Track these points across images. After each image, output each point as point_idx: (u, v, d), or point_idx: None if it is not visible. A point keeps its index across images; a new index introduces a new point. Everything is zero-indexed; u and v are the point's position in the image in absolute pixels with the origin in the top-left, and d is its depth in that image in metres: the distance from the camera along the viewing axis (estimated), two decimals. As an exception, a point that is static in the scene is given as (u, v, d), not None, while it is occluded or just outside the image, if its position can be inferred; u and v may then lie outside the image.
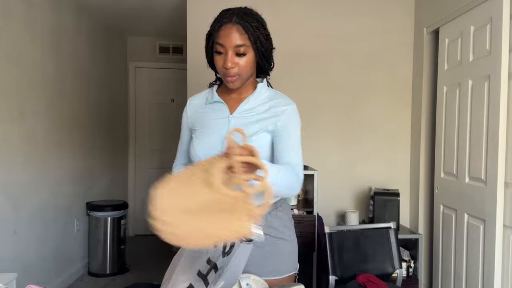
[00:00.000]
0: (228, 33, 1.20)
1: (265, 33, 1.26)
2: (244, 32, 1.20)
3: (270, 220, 1.33)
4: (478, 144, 2.38)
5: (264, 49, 1.26)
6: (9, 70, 2.65)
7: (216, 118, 1.35)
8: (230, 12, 1.24)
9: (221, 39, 1.22)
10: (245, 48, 1.22)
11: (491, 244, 2.23)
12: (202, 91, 1.46)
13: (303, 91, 3.19)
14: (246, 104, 1.33)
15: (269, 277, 1.30)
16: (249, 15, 1.23)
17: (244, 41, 1.21)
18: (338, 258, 2.26)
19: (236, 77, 1.25)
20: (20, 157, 2.78)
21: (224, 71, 1.24)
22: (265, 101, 1.34)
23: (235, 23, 1.21)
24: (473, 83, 2.45)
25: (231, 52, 1.21)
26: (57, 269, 3.26)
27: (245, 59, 1.23)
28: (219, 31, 1.22)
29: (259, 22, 1.25)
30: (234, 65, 1.22)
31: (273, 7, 3.15)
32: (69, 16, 3.48)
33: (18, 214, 2.75)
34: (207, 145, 1.31)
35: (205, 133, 1.34)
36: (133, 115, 5.06)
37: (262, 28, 1.25)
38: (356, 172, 3.26)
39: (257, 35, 1.23)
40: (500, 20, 2.18)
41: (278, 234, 1.34)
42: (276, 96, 1.36)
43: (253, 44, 1.22)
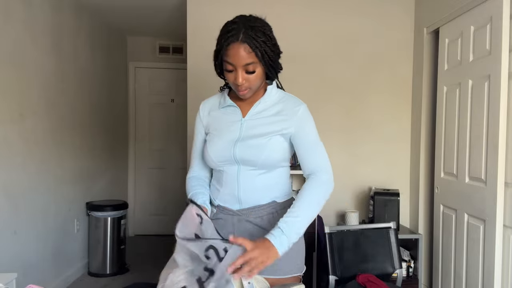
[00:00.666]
0: (236, 52, 1.23)
1: (271, 44, 1.28)
2: (251, 50, 1.23)
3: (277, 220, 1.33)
4: (478, 144, 2.37)
5: (272, 61, 1.30)
6: (9, 70, 2.65)
7: (230, 121, 1.38)
8: (236, 28, 1.23)
9: (230, 58, 1.25)
10: (253, 65, 1.25)
11: (491, 244, 2.23)
12: (214, 95, 1.49)
13: (303, 91, 3.18)
14: (258, 106, 1.37)
15: (272, 275, 1.30)
16: (255, 30, 1.24)
17: (252, 58, 1.24)
18: (338, 258, 2.26)
19: (247, 90, 1.30)
20: (20, 157, 2.78)
21: (235, 86, 1.29)
22: (276, 102, 1.39)
23: (242, 42, 1.22)
24: (473, 83, 2.45)
25: (240, 70, 1.25)
26: (57, 269, 3.26)
27: (254, 75, 1.27)
28: (227, 50, 1.24)
29: (266, 35, 1.26)
30: (244, 81, 1.27)
31: (274, 7, 3.15)
32: (69, 16, 3.48)
33: (18, 214, 2.75)
34: (221, 147, 1.35)
35: (218, 136, 1.37)
36: (133, 115, 5.05)
37: (268, 40, 1.27)
38: (356, 172, 3.26)
39: (264, 50, 1.25)
40: (500, 20, 2.18)
41: None
42: (286, 98, 1.40)
43: (260, 60, 1.26)
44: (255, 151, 1.32)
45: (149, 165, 5.09)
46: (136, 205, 5.03)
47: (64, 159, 3.38)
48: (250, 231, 1.37)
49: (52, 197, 3.21)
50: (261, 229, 1.36)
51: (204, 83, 3.16)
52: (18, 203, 2.75)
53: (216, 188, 1.43)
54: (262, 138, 1.33)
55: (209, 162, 1.40)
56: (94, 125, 4.01)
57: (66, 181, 3.43)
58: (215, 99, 1.47)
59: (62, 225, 3.37)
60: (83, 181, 3.76)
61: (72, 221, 3.55)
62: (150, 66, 5.03)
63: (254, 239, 1.31)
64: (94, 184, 4.02)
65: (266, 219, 1.36)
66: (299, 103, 1.40)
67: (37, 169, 2.99)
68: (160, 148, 5.07)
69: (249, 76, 1.27)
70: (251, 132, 1.34)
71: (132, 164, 5.08)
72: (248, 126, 1.36)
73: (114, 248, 3.72)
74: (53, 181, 3.21)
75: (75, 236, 3.61)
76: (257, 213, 1.36)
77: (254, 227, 1.37)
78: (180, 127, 4.92)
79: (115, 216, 3.72)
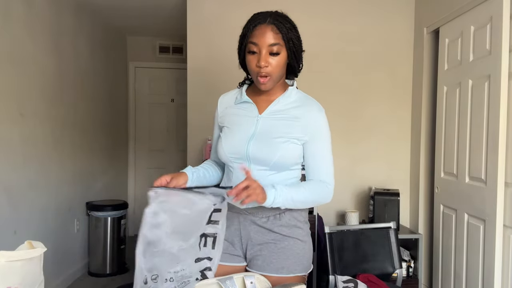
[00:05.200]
0: (263, 32, 1.25)
1: (297, 35, 1.32)
2: (278, 31, 1.25)
3: (284, 219, 1.35)
4: (478, 144, 2.37)
5: (296, 49, 1.31)
6: (9, 70, 2.65)
7: (245, 116, 1.37)
8: (264, 14, 1.30)
9: (255, 38, 1.26)
10: (278, 47, 1.26)
11: (491, 244, 2.23)
12: (233, 90, 1.49)
13: (303, 91, 3.18)
14: (276, 105, 1.36)
15: (277, 274, 1.30)
16: (282, 17, 1.30)
17: (278, 40, 1.26)
18: (338, 258, 2.25)
19: (268, 78, 1.27)
20: (20, 157, 2.77)
21: (257, 70, 1.27)
22: (295, 104, 1.37)
23: (270, 23, 1.26)
24: (473, 83, 2.45)
25: (265, 51, 1.25)
26: (57, 269, 3.26)
27: (277, 59, 1.27)
28: (254, 30, 1.27)
29: (292, 24, 1.31)
30: (267, 64, 1.25)
31: (274, 7, 3.14)
32: (69, 16, 3.48)
33: (18, 214, 2.75)
34: (234, 143, 1.34)
35: (233, 131, 1.37)
36: (133, 115, 5.05)
37: (294, 30, 1.31)
38: (356, 172, 3.26)
39: (290, 36, 1.28)
40: (500, 20, 2.17)
41: (290, 233, 1.34)
42: (307, 101, 1.39)
43: (286, 44, 1.27)
44: (268, 150, 1.31)
45: (149, 165, 5.09)
46: (136, 205, 5.03)
47: (64, 159, 3.38)
48: (255, 234, 1.36)
49: (52, 197, 3.20)
50: (266, 230, 1.35)
51: (204, 83, 3.16)
52: (18, 203, 2.75)
53: (225, 184, 1.43)
54: (277, 139, 1.31)
55: (222, 156, 1.39)
56: (94, 125, 4.00)
57: (66, 181, 3.42)
58: (232, 94, 1.46)
59: (62, 225, 3.37)
60: (83, 181, 3.75)
61: (72, 221, 3.55)
62: (150, 66, 5.03)
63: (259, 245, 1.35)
64: (94, 184, 4.02)
65: (272, 219, 1.35)
66: (319, 109, 1.38)
67: (37, 169, 2.99)
68: (160, 148, 5.07)
69: (272, 59, 1.26)
70: (266, 130, 1.33)
71: (132, 164, 5.08)
72: (264, 124, 1.34)
73: (114, 248, 3.72)
74: (53, 181, 3.21)
75: (75, 236, 3.61)
76: (263, 213, 1.35)
77: (259, 229, 1.36)
78: (180, 127, 4.92)
79: (115, 216, 3.72)
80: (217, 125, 1.47)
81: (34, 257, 1.04)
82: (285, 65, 1.32)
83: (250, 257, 1.37)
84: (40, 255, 1.06)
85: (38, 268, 1.06)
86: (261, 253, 1.34)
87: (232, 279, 1.19)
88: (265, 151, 1.31)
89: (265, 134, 1.32)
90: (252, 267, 1.35)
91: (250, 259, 1.37)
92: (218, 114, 1.46)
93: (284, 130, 1.32)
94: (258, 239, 1.35)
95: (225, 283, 1.17)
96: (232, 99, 1.45)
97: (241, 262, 1.39)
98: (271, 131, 1.32)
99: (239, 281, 1.20)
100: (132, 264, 1.03)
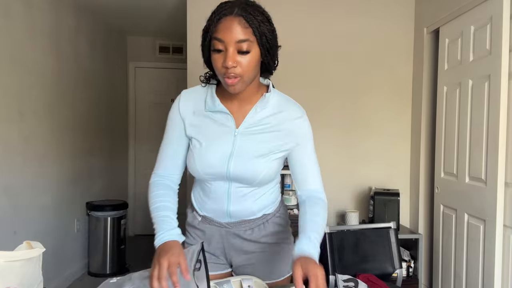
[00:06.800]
0: (229, 26, 1.03)
1: (270, 28, 1.10)
2: (247, 25, 1.03)
3: (269, 228, 1.30)
4: (478, 144, 2.37)
5: (269, 45, 1.10)
6: (9, 70, 2.65)
7: (220, 131, 1.18)
8: (231, 4, 1.06)
9: (220, 34, 1.03)
10: (248, 44, 1.04)
11: (491, 244, 2.23)
12: (197, 86, 1.25)
13: (303, 91, 3.19)
14: (254, 116, 1.18)
15: (269, 280, 1.29)
16: (252, 7, 1.07)
17: (248, 35, 1.04)
18: (338, 258, 2.25)
19: (237, 79, 1.06)
20: (20, 157, 2.77)
21: (224, 71, 1.05)
22: (274, 111, 1.19)
23: (237, 15, 1.03)
24: (473, 83, 2.45)
25: (232, 48, 1.03)
26: (57, 269, 3.26)
27: (248, 58, 1.05)
28: (218, 24, 1.04)
29: (264, 16, 1.08)
30: (236, 64, 1.04)
31: (274, 6, 3.14)
32: (69, 16, 3.48)
33: (18, 214, 2.75)
34: (211, 162, 1.17)
35: (207, 148, 1.17)
36: (133, 115, 5.05)
37: (267, 22, 1.09)
38: (356, 172, 3.26)
39: (263, 29, 1.06)
40: (500, 20, 2.17)
41: (277, 240, 1.31)
42: (286, 105, 1.21)
43: (258, 39, 1.06)
44: (251, 171, 1.16)
45: (149, 165, 5.07)
46: (136, 205, 5.03)
47: (64, 159, 3.38)
48: (240, 246, 1.30)
49: (52, 197, 3.20)
50: (252, 242, 1.29)
51: (204, 83, 3.16)
52: (18, 203, 2.75)
53: (201, 198, 1.28)
54: (261, 157, 1.16)
55: (195, 174, 1.21)
56: (94, 125, 4.00)
57: (66, 181, 3.42)
58: (199, 94, 1.22)
59: (62, 225, 3.37)
60: (83, 181, 3.75)
61: (72, 221, 3.55)
62: (150, 66, 5.03)
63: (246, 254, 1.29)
64: (94, 184, 4.02)
65: (257, 231, 1.29)
66: (301, 113, 1.22)
67: (37, 169, 2.99)
68: (160, 148, 5.06)
69: (242, 58, 1.04)
70: (247, 148, 1.16)
71: (132, 164, 5.08)
72: (243, 140, 1.17)
73: (114, 248, 3.72)
74: (53, 181, 3.21)
75: (75, 236, 3.61)
76: (247, 225, 1.27)
77: (243, 242, 1.29)
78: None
79: (115, 216, 3.72)
80: (179, 132, 1.22)
81: (33, 258, 1.03)
82: (258, 64, 1.11)
83: (237, 265, 1.32)
84: (39, 255, 1.05)
85: (37, 268, 1.06)
86: (249, 262, 1.30)
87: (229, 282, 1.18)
88: (248, 172, 1.16)
89: (245, 152, 1.16)
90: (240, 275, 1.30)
91: (236, 267, 1.33)
92: (183, 119, 1.21)
93: (266, 146, 1.17)
94: (244, 250, 1.30)
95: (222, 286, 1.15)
96: (200, 102, 1.21)
97: (226, 269, 1.35)
98: (252, 149, 1.16)
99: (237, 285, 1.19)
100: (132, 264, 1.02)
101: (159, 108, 5.09)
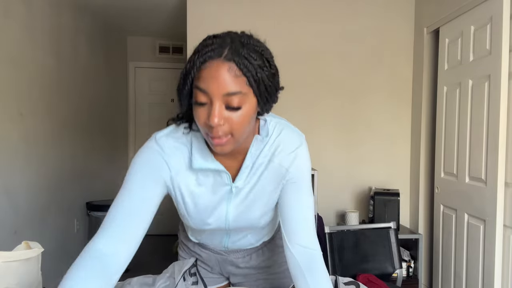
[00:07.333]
0: (215, 74, 0.79)
1: (271, 73, 0.85)
2: (241, 73, 0.80)
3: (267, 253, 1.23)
4: (478, 144, 2.37)
5: (269, 93, 0.86)
6: (9, 70, 2.65)
7: (214, 187, 0.99)
8: (220, 41, 0.81)
9: (203, 83, 0.80)
10: (240, 97, 0.80)
11: (491, 244, 2.23)
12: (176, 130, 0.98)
13: (303, 91, 3.19)
14: (249, 163, 0.98)
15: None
16: (248, 47, 0.82)
17: (240, 87, 0.80)
18: (338, 258, 2.26)
19: (226, 139, 0.83)
20: (20, 157, 2.77)
21: (208, 129, 0.83)
22: (271, 151, 0.98)
23: (227, 59, 0.79)
24: (473, 83, 2.45)
25: (219, 103, 0.80)
26: (56, 269, 3.25)
27: (240, 113, 0.82)
28: (202, 69, 0.80)
29: (263, 58, 0.83)
30: (224, 122, 0.81)
31: (274, 7, 3.15)
32: (69, 16, 3.48)
33: (18, 214, 2.75)
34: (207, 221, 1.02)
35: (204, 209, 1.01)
36: (133, 115, 5.05)
37: (266, 67, 0.83)
38: (356, 172, 3.26)
39: (261, 76, 0.82)
40: (500, 20, 2.17)
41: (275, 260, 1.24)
42: (283, 140, 0.99)
43: (254, 89, 0.82)
44: (253, 220, 1.04)
45: (149, 165, 5.09)
46: (136, 205, 5.03)
47: (64, 159, 3.38)
48: (238, 271, 1.23)
49: (52, 197, 3.20)
50: (249, 269, 1.22)
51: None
52: (18, 203, 2.75)
53: (196, 232, 1.15)
54: (263, 207, 1.02)
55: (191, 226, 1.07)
56: (94, 125, 4.01)
57: (66, 181, 3.42)
58: (182, 144, 0.96)
59: (62, 225, 3.37)
60: (83, 181, 3.75)
61: (72, 221, 3.55)
62: (150, 66, 5.03)
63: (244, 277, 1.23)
64: (94, 184, 4.02)
65: (255, 257, 1.22)
66: (298, 143, 1.00)
67: (37, 169, 2.99)
68: (160, 148, 5.07)
69: (231, 113, 0.81)
70: (247, 204, 1.01)
71: (132, 164, 5.08)
72: (241, 194, 1.00)
73: (114, 248, 3.72)
74: (53, 181, 3.21)
75: (75, 236, 3.60)
76: (245, 252, 1.20)
77: (241, 270, 1.22)
78: (180, 127, 4.92)
79: (115, 216, 3.72)
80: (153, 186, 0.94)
81: (31, 258, 1.03)
82: (254, 116, 0.88)
83: (234, 282, 1.27)
84: (37, 255, 1.05)
85: (35, 268, 1.05)
86: (246, 279, 1.25)
87: None
88: (249, 222, 1.04)
89: (245, 207, 1.01)
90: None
91: (234, 284, 1.28)
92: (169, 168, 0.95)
93: (265, 194, 1.01)
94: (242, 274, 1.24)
95: None
96: (183, 158, 0.96)
97: (223, 282, 1.29)
98: (251, 202, 1.01)
99: None
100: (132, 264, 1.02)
101: (159, 108, 5.09)
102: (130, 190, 0.94)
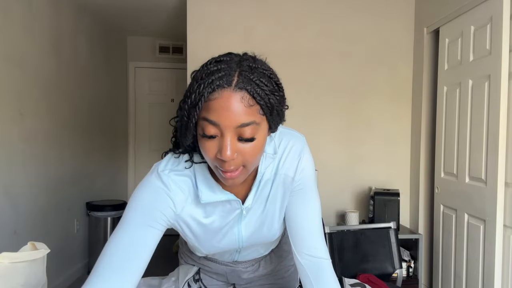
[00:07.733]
0: (227, 105, 0.72)
1: (280, 95, 0.80)
2: (254, 102, 0.74)
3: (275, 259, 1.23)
4: (478, 144, 2.37)
5: (279, 117, 0.82)
6: (9, 70, 2.65)
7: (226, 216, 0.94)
8: (225, 68, 0.73)
9: (213, 115, 0.73)
10: (253, 128, 0.75)
11: (491, 244, 2.23)
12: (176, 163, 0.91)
13: (303, 91, 3.19)
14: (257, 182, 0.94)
15: None
16: (257, 73, 0.75)
17: (253, 116, 0.74)
18: (338, 258, 2.26)
19: (238, 171, 0.78)
20: (20, 157, 2.77)
21: (219, 163, 0.77)
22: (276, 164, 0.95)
23: (238, 88, 0.72)
24: (473, 83, 2.45)
25: (231, 135, 0.74)
26: (57, 269, 3.26)
27: (254, 144, 0.77)
28: (210, 100, 0.73)
29: (272, 82, 0.77)
30: (235, 157, 0.76)
31: (274, 6, 3.15)
32: (69, 16, 3.48)
33: (18, 214, 2.75)
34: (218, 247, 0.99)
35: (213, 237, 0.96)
36: (133, 115, 5.05)
37: (277, 91, 0.78)
38: (356, 172, 3.26)
39: (273, 102, 0.76)
40: (500, 20, 2.18)
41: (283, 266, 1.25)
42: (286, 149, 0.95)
43: (268, 116, 0.78)
44: (263, 240, 1.02)
45: (149, 165, 5.02)
46: (136, 205, 5.03)
47: (64, 159, 3.38)
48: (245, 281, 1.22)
49: (52, 197, 3.20)
50: (257, 276, 1.21)
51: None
52: (18, 203, 2.75)
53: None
54: (276, 222, 0.99)
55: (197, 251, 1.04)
56: (94, 125, 4.00)
57: (66, 181, 3.42)
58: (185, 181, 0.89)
59: (62, 225, 3.37)
60: (83, 181, 3.75)
61: (72, 221, 3.54)
62: (150, 66, 5.03)
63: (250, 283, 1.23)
64: (94, 184, 4.02)
65: (263, 264, 1.21)
66: (300, 148, 0.95)
67: (37, 169, 2.99)
68: (160, 148, 5.06)
69: (243, 146, 0.76)
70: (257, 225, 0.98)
71: (132, 164, 5.08)
72: (254, 213, 0.96)
73: (114, 248, 3.72)
74: (53, 181, 3.21)
75: (75, 236, 3.60)
76: (253, 261, 1.19)
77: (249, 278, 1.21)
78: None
79: (115, 216, 3.72)
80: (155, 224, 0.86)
81: (37, 259, 1.04)
82: (265, 141, 0.82)
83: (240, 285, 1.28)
84: (43, 256, 1.06)
85: (41, 269, 1.06)
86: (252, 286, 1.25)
87: None
88: (261, 240, 1.02)
89: (258, 225, 0.98)
90: None
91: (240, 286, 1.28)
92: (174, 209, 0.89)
93: (277, 211, 0.97)
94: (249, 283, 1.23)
95: None
96: (188, 193, 0.89)
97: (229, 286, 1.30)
98: (263, 219, 0.98)
99: None
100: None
101: (159, 108, 5.09)
102: (127, 231, 0.86)
